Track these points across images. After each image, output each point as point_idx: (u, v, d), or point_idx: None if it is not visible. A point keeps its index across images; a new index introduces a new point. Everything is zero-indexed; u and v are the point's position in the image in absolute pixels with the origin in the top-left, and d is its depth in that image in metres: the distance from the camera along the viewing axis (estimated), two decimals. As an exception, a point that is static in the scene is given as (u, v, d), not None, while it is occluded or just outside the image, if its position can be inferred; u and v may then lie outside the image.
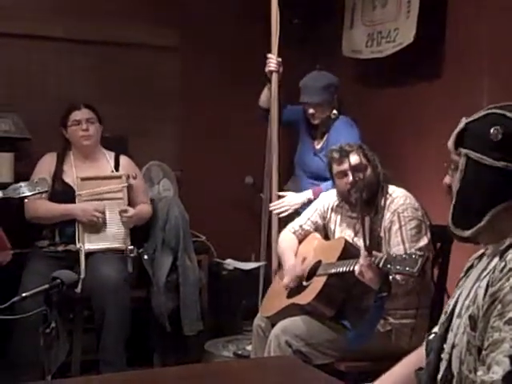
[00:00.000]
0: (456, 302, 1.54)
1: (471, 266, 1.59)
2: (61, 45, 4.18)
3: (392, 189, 2.89)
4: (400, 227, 2.76)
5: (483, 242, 1.53)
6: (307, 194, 3.44)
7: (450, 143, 1.52)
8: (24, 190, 2.75)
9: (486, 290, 1.41)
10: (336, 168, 2.91)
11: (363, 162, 2.87)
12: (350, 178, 2.85)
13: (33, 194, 2.82)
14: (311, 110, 3.52)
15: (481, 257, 1.56)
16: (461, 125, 1.51)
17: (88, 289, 3.31)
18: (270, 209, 3.55)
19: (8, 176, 3.78)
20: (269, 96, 3.62)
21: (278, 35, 3.58)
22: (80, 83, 4.17)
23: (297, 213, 3.36)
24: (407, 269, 2.33)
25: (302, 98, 3.55)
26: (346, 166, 2.86)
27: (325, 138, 3.55)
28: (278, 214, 3.50)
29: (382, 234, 2.82)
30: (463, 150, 1.48)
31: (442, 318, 1.59)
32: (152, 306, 3.70)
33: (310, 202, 3.39)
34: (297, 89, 3.62)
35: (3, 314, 2.07)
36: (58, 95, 4.00)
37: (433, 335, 1.61)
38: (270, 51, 3.61)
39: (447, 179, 1.55)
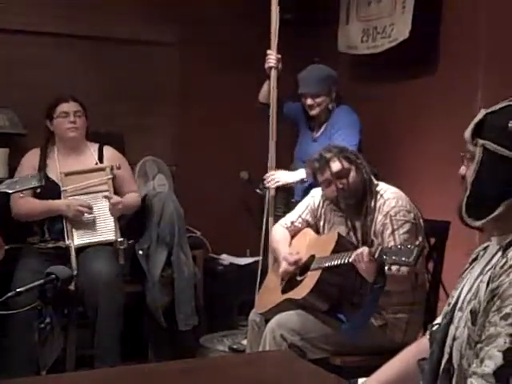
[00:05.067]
0: (459, 294, 1.54)
1: (475, 258, 1.59)
2: (57, 40, 4.17)
3: (383, 188, 2.86)
4: (393, 231, 2.73)
5: (492, 232, 1.52)
6: (300, 173, 3.46)
7: (467, 133, 1.51)
8: (18, 184, 2.73)
9: (488, 286, 1.41)
10: (320, 178, 2.89)
11: (345, 166, 2.84)
12: (335, 186, 2.84)
13: (27, 189, 2.80)
14: (309, 101, 3.54)
15: (485, 249, 1.56)
16: (479, 115, 1.49)
17: (81, 284, 3.30)
18: (266, 183, 3.56)
19: (2, 172, 3.77)
20: (268, 91, 3.64)
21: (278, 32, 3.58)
22: (76, 79, 4.15)
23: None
24: (403, 259, 2.31)
25: (301, 89, 3.58)
26: (327, 174, 2.84)
27: (324, 127, 3.58)
28: (268, 186, 3.54)
29: (373, 237, 2.80)
30: (480, 141, 1.47)
31: (446, 309, 1.59)
32: (147, 301, 3.69)
33: (302, 181, 3.43)
34: (291, 84, 3.62)
35: (-3, 310, 2.06)
36: (54, 91, 3.98)
37: (436, 326, 1.61)
38: (268, 47, 3.61)
39: (462, 169, 1.54)
